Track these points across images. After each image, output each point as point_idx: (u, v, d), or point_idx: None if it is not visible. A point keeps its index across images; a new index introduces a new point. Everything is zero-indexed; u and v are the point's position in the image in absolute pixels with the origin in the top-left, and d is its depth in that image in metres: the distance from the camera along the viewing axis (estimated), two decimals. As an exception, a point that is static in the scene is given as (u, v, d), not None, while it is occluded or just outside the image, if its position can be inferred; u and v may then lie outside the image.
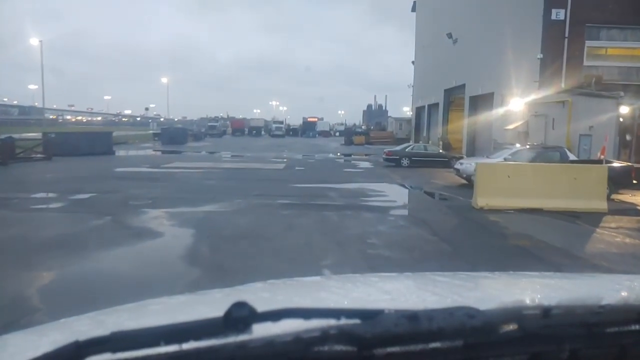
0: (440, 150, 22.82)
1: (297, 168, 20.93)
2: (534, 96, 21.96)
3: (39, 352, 0.66)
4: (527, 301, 0.88)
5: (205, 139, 53.02)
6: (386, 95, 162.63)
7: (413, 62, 49.13)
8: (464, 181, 15.83)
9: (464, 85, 32.20)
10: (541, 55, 21.67)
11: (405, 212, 10.78)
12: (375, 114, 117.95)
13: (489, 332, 0.70)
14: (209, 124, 69.73)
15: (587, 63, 21.88)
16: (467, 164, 15.25)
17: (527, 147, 14.09)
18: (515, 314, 0.75)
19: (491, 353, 0.72)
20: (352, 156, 31.69)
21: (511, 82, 23.56)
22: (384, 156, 22.70)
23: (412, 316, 0.69)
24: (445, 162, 21.74)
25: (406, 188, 15.51)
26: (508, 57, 23.66)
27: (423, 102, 44.04)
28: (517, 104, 23.40)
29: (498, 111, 25.99)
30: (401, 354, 0.68)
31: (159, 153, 31.96)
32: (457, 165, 15.85)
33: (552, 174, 11.06)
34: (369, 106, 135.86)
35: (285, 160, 25.52)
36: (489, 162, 12.84)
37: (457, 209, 11.16)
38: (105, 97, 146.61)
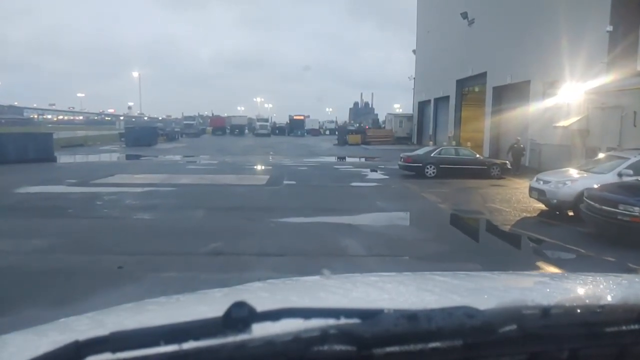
0: (477, 156, 17.18)
1: (285, 182, 15.10)
2: (597, 82, 16.50)
3: (39, 352, 0.66)
4: (527, 301, 0.83)
5: (181, 139, 47.37)
6: (372, 93, 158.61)
7: (414, 51, 43.73)
8: (542, 206, 10.28)
9: (484, 74, 26.87)
10: (610, 28, 16.19)
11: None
12: (361, 112, 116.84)
13: (488, 331, 0.69)
14: (185, 122, 63.45)
15: (668, 38, 16.53)
16: (558, 183, 9.64)
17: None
18: (514, 313, 0.73)
19: (490, 353, 0.71)
20: (352, 160, 26.15)
21: (562, 66, 18.13)
22: (401, 162, 17.07)
23: (412, 316, 0.68)
24: (484, 170, 16.25)
25: (464, 220, 9.82)
26: (557, 33, 18.24)
27: (428, 95, 38.61)
28: (571, 94, 17.93)
29: (538, 104, 20.52)
30: (400, 354, 0.67)
31: (111, 158, 26.01)
32: (537, 184, 10.17)
33: None
34: (356, 104, 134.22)
35: (270, 167, 19.75)
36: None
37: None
38: (79, 95, 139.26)
